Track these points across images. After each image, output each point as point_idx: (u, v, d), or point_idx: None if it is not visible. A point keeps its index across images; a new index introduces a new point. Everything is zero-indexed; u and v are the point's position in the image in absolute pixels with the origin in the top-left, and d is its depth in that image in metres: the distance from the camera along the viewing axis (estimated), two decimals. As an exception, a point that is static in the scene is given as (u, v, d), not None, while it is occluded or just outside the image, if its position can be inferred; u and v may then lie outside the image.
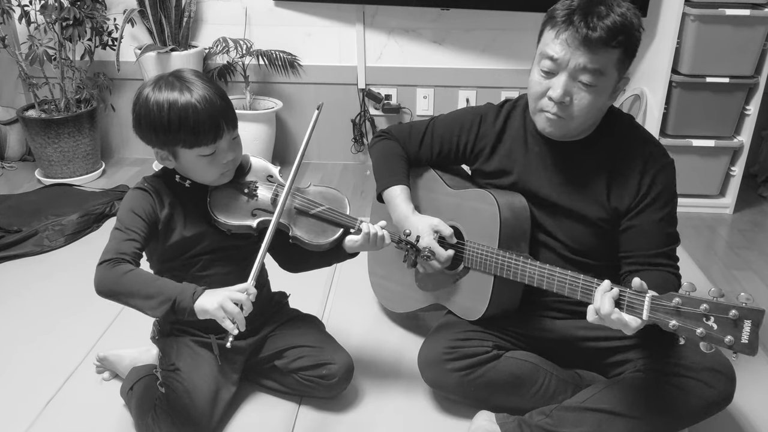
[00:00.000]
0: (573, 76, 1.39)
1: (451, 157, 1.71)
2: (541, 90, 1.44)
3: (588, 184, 1.52)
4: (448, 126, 1.70)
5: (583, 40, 1.35)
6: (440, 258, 1.59)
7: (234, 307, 1.27)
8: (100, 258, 1.34)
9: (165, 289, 1.31)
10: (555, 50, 1.39)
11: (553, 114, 1.44)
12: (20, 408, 1.65)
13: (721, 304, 1.14)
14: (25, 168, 3.22)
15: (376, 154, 1.76)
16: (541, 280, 1.45)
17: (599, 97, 1.42)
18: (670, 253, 1.51)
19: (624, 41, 1.37)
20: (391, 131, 1.77)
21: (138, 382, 1.59)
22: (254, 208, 1.49)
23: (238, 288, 1.31)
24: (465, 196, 1.65)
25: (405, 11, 3.08)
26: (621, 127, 1.54)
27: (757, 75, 2.68)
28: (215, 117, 1.39)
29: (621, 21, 1.35)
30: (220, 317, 1.27)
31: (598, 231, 1.53)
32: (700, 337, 1.15)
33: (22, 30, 3.06)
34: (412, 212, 1.65)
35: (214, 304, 1.27)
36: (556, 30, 1.39)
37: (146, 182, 1.48)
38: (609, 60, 1.38)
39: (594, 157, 1.52)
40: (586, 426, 1.45)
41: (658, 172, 1.49)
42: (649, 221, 1.49)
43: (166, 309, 1.29)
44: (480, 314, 1.59)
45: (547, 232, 1.58)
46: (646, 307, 1.22)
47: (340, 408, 1.67)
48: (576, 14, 1.36)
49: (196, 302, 1.29)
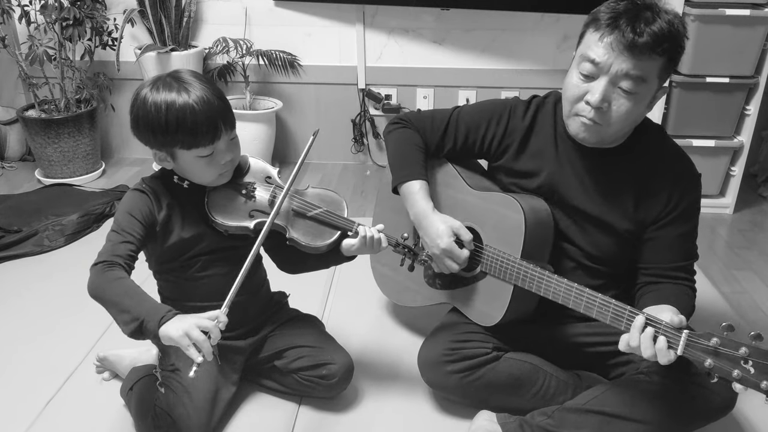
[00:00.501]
0: (614, 82, 1.35)
1: (474, 150, 1.64)
2: (578, 93, 1.40)
3: (617, 194, 1.50)
4: (476, 116, 1.62)
5: (629, 45, 1.31)
6: (458, 259, 1.55)
7: (200, 335, 1.22)
8: (96, 259, 1.34)
9: (138, 309, 1.26)
10: (598, 53, 1.35)
11: (589, 119, 1.40)
12: (20, 408, 1.65)
13: (762, 350, 1.14)
14: (25, 168, 3.22)
15: (393, 143, 1.68)
16: (567, 298, 1.41)
17: (638, 105, 1.38)
18: (688, 267, 1.50)
19: (669, 49, 1.33)
20: (409, 119, 1.68)
21: (138, 382, 1.59)
22: (252, 209, 1.49)
23: (207, 315, 1.27)
24: (487, 198, 1.59)
25: (405, 11, 3.08)
26: (652, 138, 1.51)
27: (757, 75, 2.68)
28: (213, 118, 1.38)
29: (668, 28, 1.32)
30: (184, 345, 1.21)
31: (620, 240, 1.51)
32: (736, 379, 1.15)
33: (22, 30, 3.06)
34: (432, 210, 1.59)
35: (179, 331, 1.22)
36: (600, 33, 1.34)
37: (144, 183, 1.47)
38: (652, 67, 1.34)
39: (625, 167, 1.49)
40: (587, 428, 1.45)
41: (688, 185, 1.47)
42: (673, 234, 1.47)
43: (133, 328, 1.26)
44: (496, 321, 1.56)
45: (567, 238, 1.56)
46: (682, 344, 1.21)
47: (340, 408, 1.67)
48: (623, 18, 1.32)
49: (161, 327, 1.24)
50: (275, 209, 1.43)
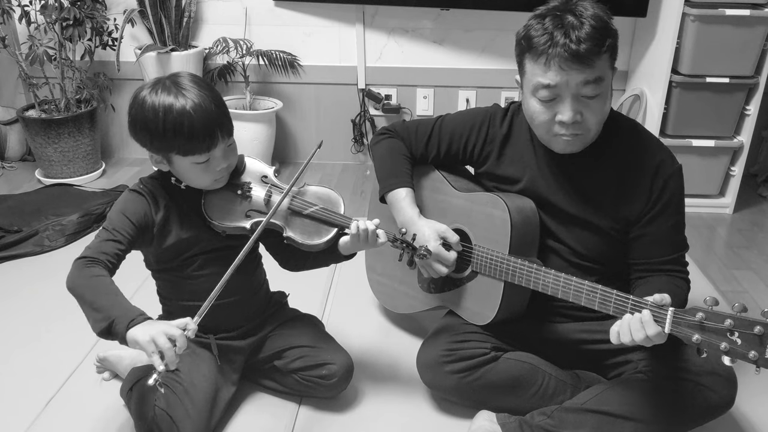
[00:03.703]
0: (577, 94, 1.37)
1: (458, 157, 1.68)
2: (547, 118, 1.41)
3: (597, 194, 1.51)
4: (458, 125, 1.67)
5: (576, 57, 1.32)
6: (447, 262, 1.58)
7: (166, 342, 1.21)
8: (81, 253, 1.33)
9: (110, 308, 1.26)
10: (551, 78, 1.36)
11: (570, 135, 1.42)
12: (20, 408, 1.65)
13: (747, 320, 1.14)
14: (25, 168, 3.22)
15: (380, 153, 1.73)
16: (556, 288, 1.43)
17: (606, 101, 1.42)
18: (679, 259, 1.50)
19: (611, 43, 1.36)
20: (395, 129, 1.73)
21: (138, 382, 1.59)
22: (248, 209, 1.49)
23: (177, 323, 1.26)
24: (473, 199, 1.63)
25: (405, 11, 3.09)
26: (626, 133, 1.52)
27: (757, 75, 2.68)
28: (210, 126, 1.37)
29: (598, 24, 1.33)
30: (149, 351, 1.20)
31: (607, 238, 1.53)
32: (724, 351, 1.15)
33: (22, 30, 3.07)
34: (418, 216, 1.62)
35: (146, 337, 1.20)
36: (543, 58, 1.35)
37: (142, 184, 1.48)
38: (603, 64, 1.37)
39: (602, 165, 1.51)
40: (586, 428, 1.45)
41: (668, 179, 1.47)
42: (660, 229, 1.48)
43: (102, 327, 1.25)
44: (489, 319, 1.58)
45: (555, 237, 1.57)
46: (669, 321, 1.22)
47: (340, 408, 1.67)
48: (555, 35, 1.33)
49: (129, 330, 1.23)
50: (271, 210, 1.43)
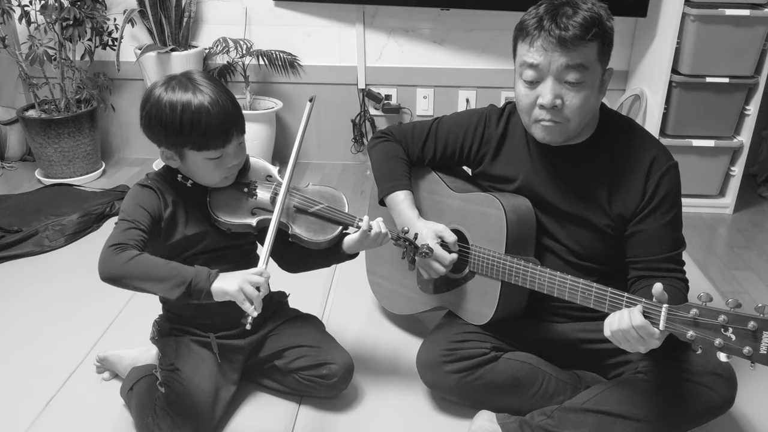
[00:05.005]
0: (559, 78, 1.39)
1: (455, 158, 1.70)
2: (530, 101, 1.44)
3: (590, 190, 1.52)
4: (453, 127, 1.69)
5: (559, 41, 1.36)
6: (444, 261, 1.58)
7: (253, 289, 1.28)
8: (106, 243, 1.32)
9: (179, 272, 1.30)
10: (534, 57, 1.39)
11: (548, 121, 1.44)
12: (20, 408, 1.65)
13: (740, 315, 1.14)
14: (25, 168, 3.22)
15: (377, 156, 1.75)
16: (551, 287, 1.44)
17: (589, 92, 1.42)
18: (676, 258, 1.50)
19: (599, 33, 1.38)
20: (392, 132, 1.76)
21: (138, 382, 1.59)
22: (254, 207, 1.50)
23: (253, 271, 1.32)
24: (469, 199, 1.64)
25: (405, 11, 3.09)
26: (621, 130, 1.53)
27: (757, 75, 2.68)
28: (226, 122, 1.39)
29: (590, 15, 1.37)
30: (240, 299, 1.28)
31: (603, 236, 1.53)
32: (718, 347, 1.15)
33: (22, 30, 3.07)
34: (417, 218, 1.64)
35: (234, 286, 1.28)
36: (530, 38, 1.40)
37: (150, 180, 1.48)
38: (589, 54, 1.38)
39: (595, 162, 1.52)
40: (587, 427, 1.45)
41: (663, 175, 1.48)
42: (656, 226, 1.48)
43: (181, 292, 1.29)
44: (487, 319, 1.58)
45: (552, 236, 1.58)
46: (663, 318, 1.22)
47: (340, 408, 1.67)
48: (545, 19, 1.38)
49: (213, 284, 1.29)
50: (279, 203, 1.44)
